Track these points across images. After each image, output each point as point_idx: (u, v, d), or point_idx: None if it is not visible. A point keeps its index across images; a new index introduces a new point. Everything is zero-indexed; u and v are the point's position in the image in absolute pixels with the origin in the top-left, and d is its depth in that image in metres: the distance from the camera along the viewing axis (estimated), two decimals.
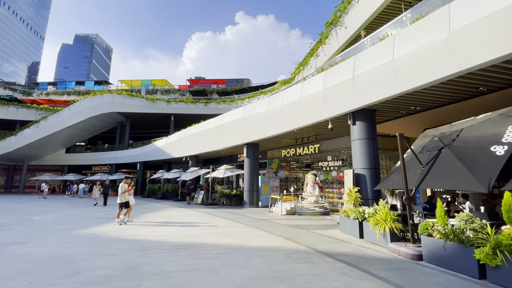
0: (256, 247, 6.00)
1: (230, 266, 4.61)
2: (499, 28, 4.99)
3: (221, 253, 5.43)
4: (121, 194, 9.14)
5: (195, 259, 5.06)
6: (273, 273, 4.29)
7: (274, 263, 4.80)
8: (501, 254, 3.84)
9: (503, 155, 4.67)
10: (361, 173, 8.54)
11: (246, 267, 4.59)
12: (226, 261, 4.90)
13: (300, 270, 4.43)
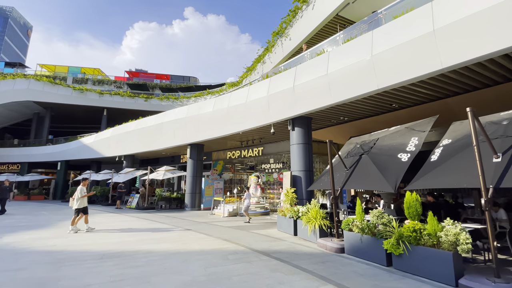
0: (193, 251, 5.83)
1: (163, 273, 4.37)
2: (408, 56, 6.07)
3: (154, 260, 5.10)
4: (81, 199, 8.05)
5: (123, 268, 4.62)
6: (208, 276, 4.24)
7: (211, 266, 4.75)
8: (403, 244, 4.63)
9: (406, 161, 5.65)
10: (297, 175, 9.19)
11: (181, 272, 4.42)
12: (159, 268, 4.62)
13: (236, 271, 4.49)
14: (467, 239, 3.95)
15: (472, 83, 6.67)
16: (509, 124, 4.56)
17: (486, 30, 4.86)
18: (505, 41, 4.64)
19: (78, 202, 8.05)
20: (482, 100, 7.22)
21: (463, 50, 5.17)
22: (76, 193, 8.14)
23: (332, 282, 4.02)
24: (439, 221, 4.47)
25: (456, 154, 4.91)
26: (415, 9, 6.07)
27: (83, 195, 8.16)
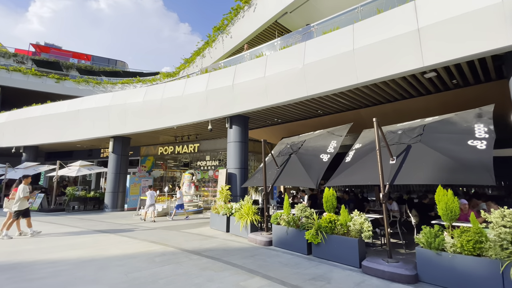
0: (113, 256, 5.24)
1: (73, 285, 3.78)
2: (332, 68, 6.88)
3: (61, 270, 4.36)
4: (22, 200, 6.67)
5: (19, 282, 3.80)
6: (131, 282, 3.89)
7: (133, 271, 4.36)
8: (320, 234, 5.23)
9: (326, 161, 6.42)
10: (233, 172, 9.32)
11: (97, 281, 3.92)
12: (68, 279, 3.98)
13: (163, 273, 4.26)
14: (369, 227, 4.76)
15: (379, 98, 8.06)
16: (402, 134, 5.70)
17: (390, 55, 5.95)
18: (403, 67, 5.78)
19: (18, 203, 6.70)
20: (385, 112, 8.82)
21: (373, 69, 6.19)
22: (18, 192, 6.79)
23: (259, 274, 4.25)
24: (349, 213, 5.25)
25: (364, 156, 5.86)
26: (340, 28, 6.94)
27: (25, 195, 6.80)
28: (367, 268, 4.34)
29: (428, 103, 7.91)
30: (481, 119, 4.96)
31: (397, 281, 3.97)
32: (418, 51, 5.42)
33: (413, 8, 5.57)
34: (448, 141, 4.80)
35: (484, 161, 4.02)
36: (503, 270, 3.31)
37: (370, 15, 6.57)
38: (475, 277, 3.51)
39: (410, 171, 4.74)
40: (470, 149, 4.39)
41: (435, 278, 3.85)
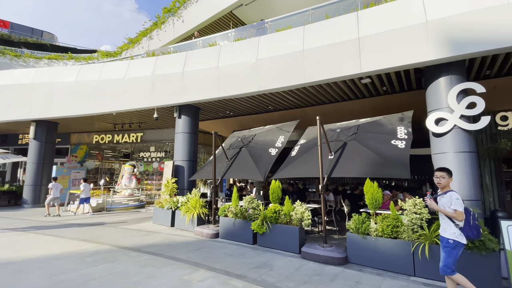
0: (34, 258, 4.52)
1: None
2: (283, 66, 7.12)
3: None
4: None
5: None
6: (55, 286, 3.43)
7: (59, 273, 3.85)
8: (266, 224, 5.46)
9: (274, 155, 6.69)
10: (180, 164, 8.94)
11: (13, 287, 3.34)
12: None
13: (96, 274, 3.87)
14: (308, 216, 5.17)
15: (323, 98, 8.71)
16: (340, 132, 6.29)
17: (335, 59, 6.46)
18: (345, 71, 6.33)
19: None
20: (327, 112, 9.59)
21: (320, 70, 6.64)
22: None
23: (204, 266, 4.22)
24: (292, 203, 5.60)
25: (308, 151, 6.30)
26: (292, 28, 7.21)
27: None
28: (306, 254, 4.73)
29: (362, 106, 8.90)
30: (403, 122, 5.82)
31: (330, 263, 4.43)
32: (358, 58, 6.02)
33: (356, 18, 6.13)
34: (376, 140, 5.51)
35: (403, 158, 4.74)
36: (413, 249, 3.99)
37: (319, 19, 6.99)
38: (393, 256, 4.16)
39: (345, 165, 5.30)
40: (392, 147, 5.13)
41: (361, 259, 4.42)
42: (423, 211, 4.12)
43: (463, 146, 5.07)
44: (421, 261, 3.90)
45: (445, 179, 3.08)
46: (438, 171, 3.18)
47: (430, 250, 3.82)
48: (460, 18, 4.97)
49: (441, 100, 5.36)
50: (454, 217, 2.89)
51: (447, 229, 2.99)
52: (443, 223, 3.07)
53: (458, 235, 2.90)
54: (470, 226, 2.90)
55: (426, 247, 3.84)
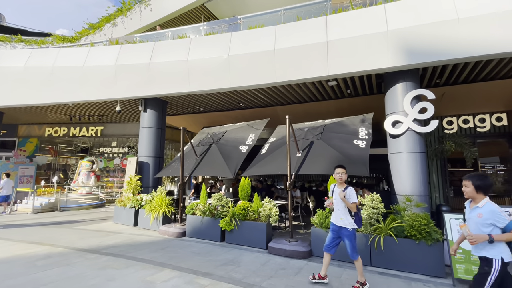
0: None
1: None
2: (255, 64, 7.14)
3: None
4: None
5: None
6: None
7: (6, 279, 3.45)
8: (234, 221, 5.46)
9: (244, 153, 6.70)
10: (145, 161, 8.51)
11: None
12: None
13: (48, 278, 3.53)
14: (276, 212, 5.29)
15: (292, 98, 8.94)
16: (308, 131, 6.52)
17: (304, 60, 6.65)
18: (313, 72, 6.56)
19: None
20: (296, 111, 9.87)
21: (290, 70, 6.79)
22: None
23: (169, 266, 4.09)
24: (261, 200, 5.68)
25: (277, 149, 6.43)
26: (264, 26, 7.26)
27: None
28: (272, 249, 4.84)
29: (329, 107, 9.33)
30: (364, 124, 6.23)
31: (295, 257, 4.60)
32: (325, 60, 6.28)
33: (325, 23, 6.38)
34: (340, 139, 5.82)
35: (363, 157, 5.08)
36: (370, 241, 4.31)
37: (291, 20, 7.13)
38: None
39: (311, 163, 5.51)
40: (354, 147, 5.46)
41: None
42: (379, 206, 4.47)
43: (415, 147, 5.59)
44: (377, 251, 4.24)
45: (345, 175, 3.58)
46: (339, 167, 3.60)
47: (384, 241, 4.17)
48: (416, 30, 5.45)
49: (397, 104, 5.84)
50: (350, 207, 3.38)
51: (342, 219, 3.46)
52: (339, 214, 3.51)
53: (354, 223, 3.43)
54: (359, 217, 3.48)
55: (381, 239, 4.18)
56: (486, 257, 2.28)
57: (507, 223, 2.21)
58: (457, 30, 5.16)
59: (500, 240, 2.23)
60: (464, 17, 5.10)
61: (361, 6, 6.34)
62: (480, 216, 2.31)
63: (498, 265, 2.21)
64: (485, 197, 2.36)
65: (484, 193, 2.36)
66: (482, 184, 2.34)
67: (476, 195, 2.36)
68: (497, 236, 2.22)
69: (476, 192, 2.36)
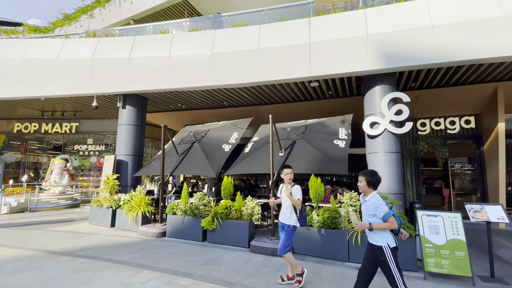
0: None
1: None
2: (239, 63, 7.10)
3: None
4: None
5: None
6: None
7: None
8: (216, 220, 5.42)
9: (227, 151, 6.67)
10: (124, 159, 8.22)
11: None
12: None
13: (17, 283, 3.32)
14: (259, 210, 5.32)
15: (276, 98, 9.01)
16: (290, 131, 6.61)
17: (288, 61, 6.72)
18: (296, 73, 6.65)
19: None
20: (280, 111, 9.96)
21: (274, 70, 6.84)
22: None
23: (148, 267, 3.99)
24: (244, 199, 5.69)
25: (260, 148, 6.46)
26: (248, 25, 7.25)
27: None
28: (254, 247, 4.87)
29: (311, 107, 9.51)
30: (344, 124, 6.42)
31: (277, 255, 4.65)
32: (308, 62, 6.39)
33: (308, 24, 6.49)
34: (321, 139, 5.96)
35: (342, 156, 5.24)
36: (348, 238, 4.46)
37: (275, 20, 7.17)
38: (332, 244, 4.57)
39: (294, 162, 5.59)
40: (334, 146, 5.62)
41: (305, 249, 4.76)
42: (357, 204, 4.64)
43: (391, 147, 5.85)
44: (354, 248, 4.39)
45: (293, 174, 3.64)
46: (286, 168, 3.64)
47: (362, 238, 4.33)
48: (394, 35, 5.70)
49: (375, 106, 6.07)
50: (296, 204, 3.44)
51: (288, 217, 3.53)
52: (286, 212, 3.56)
53: (297, 222, 3.50)
54: (303, 215, 3.54)
55: (358, 236, 4.33)
56: (376, 245, 2.58)
57: (384, 214, 2.52)
58: (431, 37, 5.46)
59: (378, 228, 2.54)
60: (438, 24, 5.40)
61: (342, 10, 6.51)
62: (366, 208, 2.64)
63: (388, 251, 2.53)
64: (374, 191, 2.66)
65: (374, 188, 2.66)
66: (372, 180, 2.64)
67: (367, 189, 2.66)
68: (376, 225, 2.54)
69: (367, 186, 2.65)
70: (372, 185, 2.65)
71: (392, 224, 2.51)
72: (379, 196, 2.62)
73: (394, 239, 2.59)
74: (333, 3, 6.71)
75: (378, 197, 2.61)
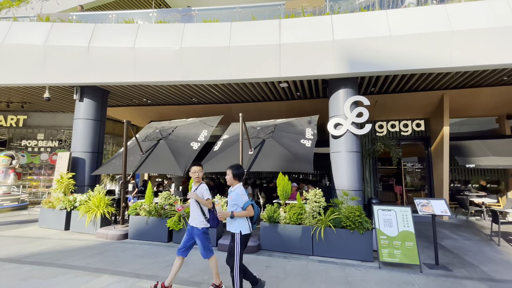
0: None
1: None
2: (210, 59, 6.97)
3: None
4: None
5: None
6: None
7: None
8: (183, 220, 5.29)
9: (196, 149, 6.52)
10: (80, 157, 7.58)
11: None
12: None
13: None
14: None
15: (246, 97, 9.04)
16: (260, 130, 6.70)
17: (259, 60, 6.78)
18: (267, 73, 6.74)
19: None
20: (250, 110, 10.02)
21: (245, 69, 6.86)
22: None
23: (108, 271, 3.76)
24: (212, 197, 5.63)
25: (230, 147, 6.45)
26: (219, 22, 7.15)
27: None
28: (222, 245, 4.86)
29: (280, 107, 9.73)
30: (310, 125, 6.69)
31: (245, 252, 4.69)
32: (278, 62, 6.53)
33: (278, 25, 6.62)
34: (289, 138, 6.15)
35: (308, 155, 5.47)
36: (312, 233, 4.67)
37: (246, 18, 7.18)
38: (298, 240, 4.75)
39: (263, 161, 5.70)
40: (301, 146, 5.84)
41: (272, 245, 4.87)
42: (321, 200, 4.88)
43: (352, 147, 6.25)
44: (318, 242, 4.63)
45: (202, 172, 3.31)
46: (195, 165, 3.28)
47: (324, 232, 4.57)
48: (357, 42, 6.08)
49: (339, 108, 6.43)
50: (205, 204, 3.09)
51: (195, 218, 3.19)
52: (193, 213, 3.22)
53: (206, 223, 3.18)
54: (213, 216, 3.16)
55: (322, 230, 4.57)
56: (231, 232, 2.91)
57: (244, 203, 2.84)
58: (389, 46, 5.93)
59: (239, 216, 2.84)
60: (395, 35, 5.88)
61: (311, 14, 6.76)
62: (230, 198, 2.94)
63: (238, 237, 2.84)
64: (239, 183, 2.99)
65: (238, 180, 2.99)
66: (237, 173, 2.97)
67: (233, 181, 2.98)
68: (236, 212, 2.84)
69: (233, 179, 2.97)
70: (237, 178, 2.96)
71: (249, 211, 2.84)
72: (242, 188, 2.95)
73: (249, 227, 2.91)
74: (302, 7, 6.93)
75: (241, 188, 2.94)
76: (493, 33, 5.54)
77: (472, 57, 5.69)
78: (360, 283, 3.55)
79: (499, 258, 4.63)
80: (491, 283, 3.61)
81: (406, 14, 6.05)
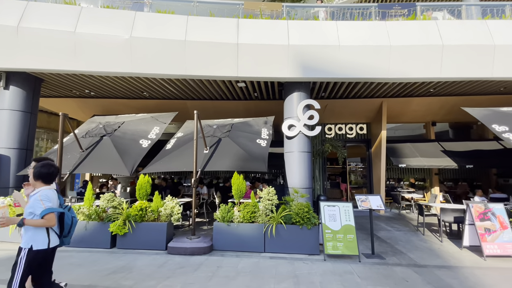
0: None
1: None
2: (162, 52, 6.59)
3: None
4: None
5: None
6: None
7: None
8: (129, 223, 4.91)
9: (146, 147, 6.13)
10: (4, 153, 6.47)
11: None
12: None
13: None
14: (179, 210, 5.11)
15: (203, 94, 8.83)
16: (216, 128, 6.60)
17: (216, 57, 6.67)
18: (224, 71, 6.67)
19: None
20: (207, 108, 9.82)
21: (201, 65, 6.67)
22: None
23: None
24: (163, 198, 5.35)
25: (184, 145, 6.21)
26: (175, 14, 6.84)
27: None
28: (172, 249, 4.65)
29: (237, 107, 9.76)
30: (266, 125, 6.86)
31: (196, 254, 4.58)
32: (236, 61, 6.52)
33: (237, 25, 6.61)
34: (245, 138, 6.20)
35: (263, 155, 5.59)
36: (265, 230, 4.79)
37: (203, 14, 7.00)
38: (250, 238, 4.81)
39: (218, 160, 5.63)
40: (257, 145, 5.94)
41: (225, 245, 4.85)
42: (273, 198, 5.04)
43: (304, 147, 6.59)
44: (269, 239, 4.76)
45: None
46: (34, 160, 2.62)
47: (276, 229, 4.73)
48: (310, 48, 6.43)
49: (293, 111, 6.72)
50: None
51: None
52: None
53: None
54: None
55: (273, 227, 4.72)
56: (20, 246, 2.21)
57: (42, 211, 2.17)
58: (338, 55, 6.41)
59: (30, 225, 2.15)
60: (344, 45, 6.38)
61: (269, 17, 6.92)
62: (27, 203, 2.29)
63: (24, 254, 2.14)
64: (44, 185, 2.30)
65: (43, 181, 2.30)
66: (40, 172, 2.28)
67: (35, 182, 2.31)
68: (29, 220, 2.15)
69: (34, 179, 2.30)
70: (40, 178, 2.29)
71: (48, 221, 2.16)
72: (47, 192, 2.25)
73: (48, 241, 2.23)
74: (260, 9, 7.05)
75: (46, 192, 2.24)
76: (422, 50, 6.42)
77: (405, 70, 6.51)
78: (307, 276, 3.76)
79: (423, 246, 5.38)
80: (416, 268, 4.17)
81: (354, 26, 6.62)
